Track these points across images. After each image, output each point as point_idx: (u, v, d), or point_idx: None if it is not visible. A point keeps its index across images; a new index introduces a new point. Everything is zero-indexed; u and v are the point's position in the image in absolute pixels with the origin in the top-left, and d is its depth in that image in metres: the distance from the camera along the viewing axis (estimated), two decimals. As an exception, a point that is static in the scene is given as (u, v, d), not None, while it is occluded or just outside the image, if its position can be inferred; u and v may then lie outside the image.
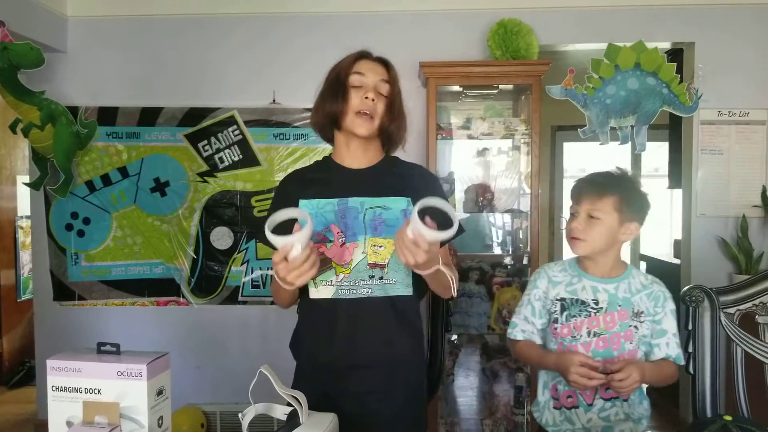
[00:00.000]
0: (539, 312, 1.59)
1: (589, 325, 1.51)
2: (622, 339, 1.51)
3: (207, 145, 3.28)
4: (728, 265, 3.15)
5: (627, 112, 2.87)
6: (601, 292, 1.53)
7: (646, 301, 1.54)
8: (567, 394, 1.56)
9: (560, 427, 1.57)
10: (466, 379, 3.17)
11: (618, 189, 1.51)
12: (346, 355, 1.45)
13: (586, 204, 1.51)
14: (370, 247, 1.43)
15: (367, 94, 1.44)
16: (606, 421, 1.53)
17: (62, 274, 3.32)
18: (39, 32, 3.02)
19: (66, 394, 1.09)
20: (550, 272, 1.61)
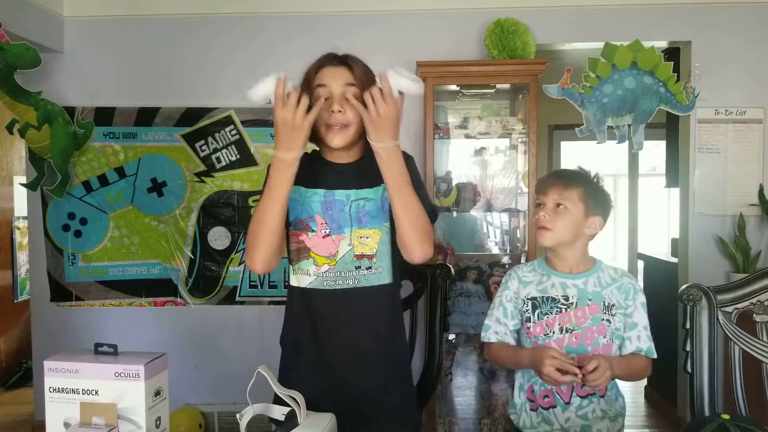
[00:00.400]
0: (511, 313, 1.61)
1: (560, 321, 1.53)
2: (595, 334, 1.52)
3: (204, 145, 3.27)
4: (726, 263, 3.16)
5: (624, 111, 2.87)
6: (570, 288, 1.55)
7: (616, 294, 1.55)
8: (543, 394, 1.56)
9: (538, 428, 1.57)
10: (464, 379, 3.17)
11: (583, 182, 1.56)
12: (334, 345, 1.46)
13: (553, 194, 1.54)
14: (356, 239, 1.45)
15: (333, 107, 1.41)
16: (584, 419, 1.54)
17: (59, 275, 3.31)
18: (35, 32, 3.01)
19: (63, 395, 1.09)
20: (520, 273, 1.63)
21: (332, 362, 1.46)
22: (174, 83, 3.27)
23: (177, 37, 3.28)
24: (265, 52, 3.25)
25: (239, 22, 3.26)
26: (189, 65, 3.27)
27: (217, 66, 3.27)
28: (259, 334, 3.29)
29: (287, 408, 1.17)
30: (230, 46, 3.26)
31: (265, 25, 3.25)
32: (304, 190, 1.46)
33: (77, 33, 3.28)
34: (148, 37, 3.29)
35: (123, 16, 3.28)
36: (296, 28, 3.24)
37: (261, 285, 3.31)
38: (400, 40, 3.15)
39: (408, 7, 3.21)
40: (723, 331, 1.67)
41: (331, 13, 3.23)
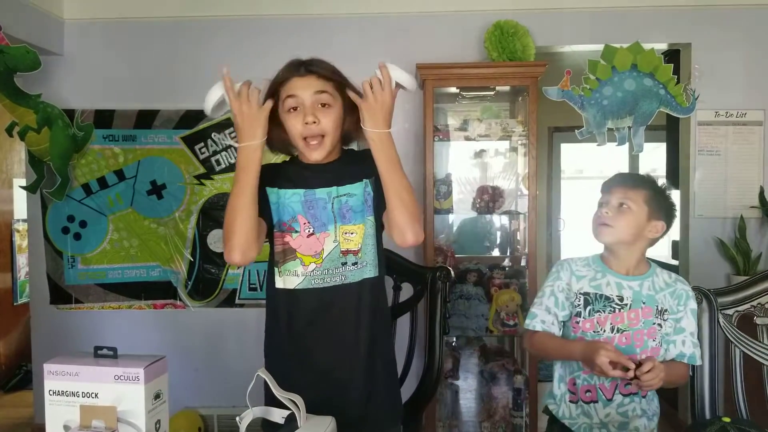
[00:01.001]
0: (562, 303, 1.58)
1: (612, 320, 1.52)
2: (645, 336, 1.51)
3: (203, 148, 3.27)
4: (726, 266, 3.16)
5: (624, 113, 2.87)
6: (626, 289, 1.54)
7: (669, 300, 1.55)
8: (585, 389, 1.56)
9: (576, 420, 1.57)
10: (465, 382, 3.17)
11: (650, 186, 1.57)
12: (325, 342, 1.46)
13: (618, 193, 1.54)
14: (341, 235, 1.45)
15: (307, 119, 1.40)
16: (624, 417, 1.54)
17: (59, 278, 3.31)
18: (35, 35, 3.01)
19: (63, 398, 1.09)
20: (573, 266, 1.61)
21: (320, 359, 1.47)
22: (173, 86, 3.27)
23: (176, 39, 3.28)
24: (263, 55, 3.25)
25: (238, 25, 3.26)
26: (188, 68, 3.27)
27: (216, 68, 3.24)
28: (259, 337, 3.25)
29: (287, 411, 1.16)
30: (229, 48, 3.26)
31: (263, 28, 3.25)
32: (283, 192, 1.47)
33: (77, 36, 3.28)
34: (148, 40, 3.29)
35: (122, 19, 3.28)
36: (295, 30, 3.24)
37: (260, 287, 3.30)
38: (399, 43, 3.16)
39: (407, 9, 3.22)
40: (724, 333, 1.67)
41: (330, 16, 3.23)
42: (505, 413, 3.00)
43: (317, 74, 1.44)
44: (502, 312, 2.94)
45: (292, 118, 1.42)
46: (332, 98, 1.43)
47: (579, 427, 1.57)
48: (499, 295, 2.97)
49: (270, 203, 1.46)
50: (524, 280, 3.00)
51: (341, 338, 1.47)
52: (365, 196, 1.47)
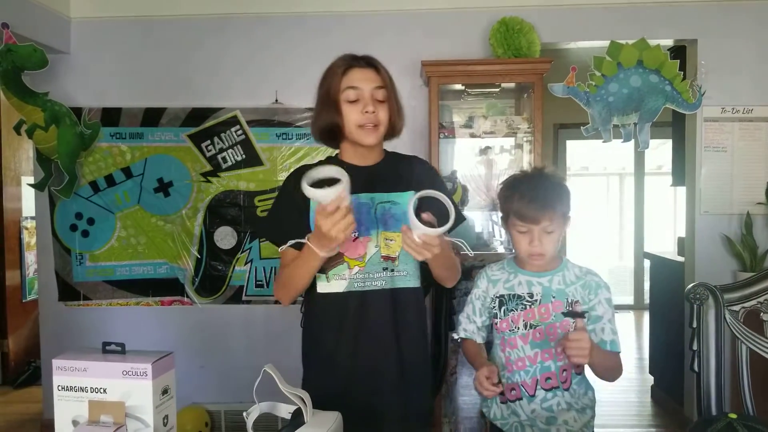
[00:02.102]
0: (479, 310, 1.65)
1: (525, 317, 1.56)
2: (558, 330, 1.54)
3: (210, 146, 3.29)
4: (732, 262, 3.15)
5: (630, 110, 2.86)
6: (536, 285, 1.58)
7: (580, 291, 1.57)
8: (510, 387, 1.59)
9: (507, 420, 1.61)
10: (470, 378, 3.17)
11: (563, 197, 1.56)
12: (362, 346, 1.49)
13: (544, 222, 1.52)
14: (382, 241, 1.48)
15: (367, 108, 1.45)
16: (549, 411, 1.56)
17: (67, 275, 3.33)
18: (42, 34, 3.03)
19: (72, 393, 1.10)
20: (489, 272, 1.67)
21: (359, 362, 1.49)
22: (180, 84, 3.28)
23: (182, 37, 3.29)
24: (270, 53, 3.26)
25: (244, 24, 3.26)
26: (195, 66, 3.28)
27: (222, 66, 3.28)
28: (265, 333, 3.30)
29: (294, 406, 1.17)
30: (236, 47, 3.27)
31: (270, 26, 3.26)
32: None
33: (84, 34, 3.30)
34: (154, 38, 3.30)
35: (129, 17, 3.29)
36: (301, 28, 3.24)
37: (267, 284, 3.32)
38: (405, 40, 3.16)
39: (413, 6, 3.21)
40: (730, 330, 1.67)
41: (336, 14, 3.23)
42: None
43: (376, 69, 1.49)
44: (507, 309, 2.93)
45: (350, 107, 1.46)
46: (387, 94, 1.49)
47: (510, 427, 1.60)
48: (505, 292, 2.96)
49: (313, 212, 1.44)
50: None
51: (378, 343, 1.50)
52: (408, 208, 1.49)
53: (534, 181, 1.56)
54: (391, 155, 1.61)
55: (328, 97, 1.48)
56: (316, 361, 1.56)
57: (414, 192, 1.46)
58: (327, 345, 1.52)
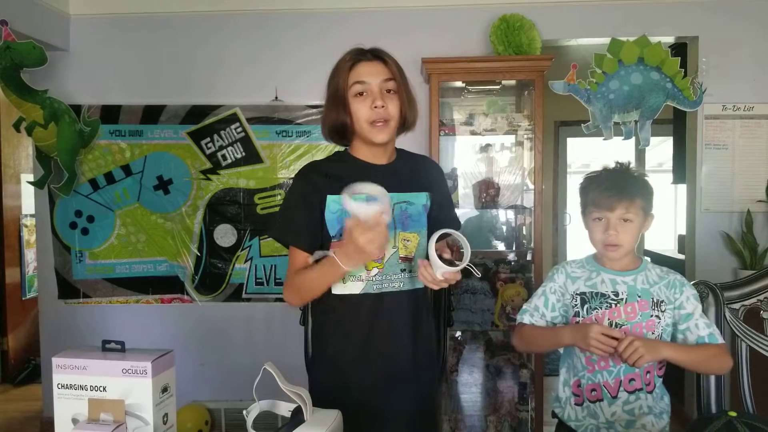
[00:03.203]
0: (552, 305, 1.60)
1: (610, 316, 1.52)
2: (644, 329, 1.51)
3: (210, 143, 3.28)
4: (733, 260, 3.14)
5: (630, 107, 2.86)
6: (620, 284, 1.54)
7: (665, 291, 1.55)
8: (591, 388, 1.56)
9: (583, 422, 1.57)
10: (470, 376, 3.17)
11: (643, 190, 1.54)
12: (376, 347, 1.48)
13: (620, 210, 1.51)
14: (400, 241, 1.47)
15: (376, 103, 1.42)
16: (630, 415, 1.53)
17: (67, 272, 3.33)
18: (41, 31, 3.02)
19: (71, 391, 1.10)
20: (568, 268, 1.62)
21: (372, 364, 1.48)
22: (179, 81, 3.28)
23: (182, 35, 3.28)
24: (270, 50, 3.26)
25: (244, 20, 3.26)
26: (194, 63, 3.28)
27: (222, 64, 3.27)
28: (266, 331, 3.30)
29: (294, 404, 1.17)
30: (235, 43, 3.27)
31: (270, 23, 3.25)
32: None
33: (83, 31, 3.29)
34: (154, 35, 3.29)
35: (128, 14, 3.28)
36: (301, 25, 3.23)
37: (267, 282, 3.32)
38: (405, 37, 3.14)
39: (413, 3, 3.21)
40: (730, 327, 1.67)
41: (336, 10, 3.22)
42: (510, 407, 3.01)
43: (384, 62, 1.46)
44: (507, 306, 2.94)
45: (359, 103, 1.43)
46: (397, 86, 1.45)
47: (586, 429, 1.56)
48: (505, 290, 2.97)
49: (331, 212, 1.45)
50: (530, 274, 3.00)
51: (393, 344, 1.49)
52: (423, 208, 1.50)
53: (614, 173, 1.56)
54: (403, 153, 1.58)
55: (336, 95, 1.45)
56: (326, 363, 1.53)
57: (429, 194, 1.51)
58: (340, 346, 1.50)
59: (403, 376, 1.50)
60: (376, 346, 1.48)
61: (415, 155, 1.62)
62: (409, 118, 1.50)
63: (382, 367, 1.48)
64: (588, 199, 1.55)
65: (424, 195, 1.51)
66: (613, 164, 1.60)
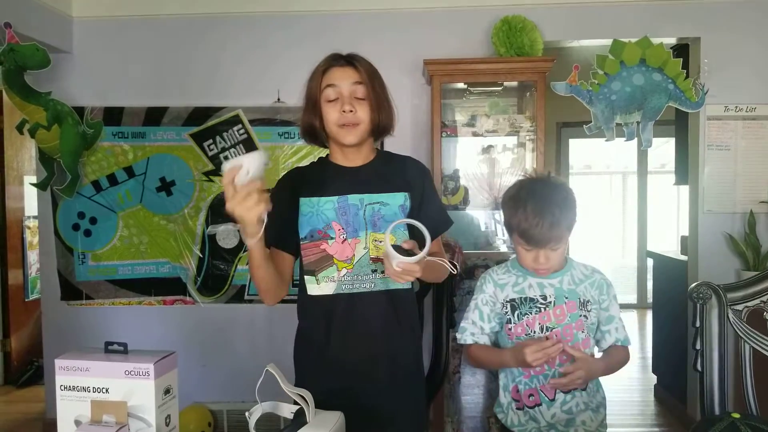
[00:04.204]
0: (487, 316, 1.60)
1: (540, 320, 1.54)
2: (574, 330, 1.53)
3: (212, 145, 3.29)
4: (735, 261, 3.14)
5: (632, 108, 2.86)
6: (547, 287, 1.55)
7: (590, 290, 1.57)
8: (528, 393, 1.57)
9: (525, 426, 1.58)
10: (473, 377, 3.16)
11: (567, 213, 1.49)
12: (351, 348, 1.48)
13: (549, 246, 1.49)
14: (371, 242, 1.47)
15: (344, 107, 1.44)
16: (569, 414, 1.55)
17: (69, 274, 3.33)
18: (45, 33, 3.03)
19: (74, 393, 1.10)
20: (495, 276, 1.63)
21: (348, 365, 1.49)
22: (182, 83, 3.28)
23: (185, 37, 3.29)
24: (273, 52, 3.26)
25: (246, 22, 3.26)
26: (197, 65, 3.28)
27: (224, 66, 3.28)
28: (268, 333, 3.30)
29: (296, 406, 1.17)
30: (237, 45, 3.27)
31: (272, 25, 3.25)
32: (316, 200, 1.48)
33: (86, 33, 3.30)
34: (156, 37, 3.30)
35: (131, 17, 3.29)
36: (304, 27, 3.24)
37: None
38: (407, 39, 3.15)
39: (415, 5, 3.21)
40: (733, 329, 1.66)
41: (338, 12, 3.22)
42: (513, 409, 3.00)
43: (355, 66, 1.48)
44: (510, 308, 2.93)
45: (329, 107, 1.46)
46: (367, 91, 1.47)
47: None
48: (507, 291, 2.96)
49: (302, 214, 1.48)
50: (532, 275, 2.99)
51: (367, 346, 1.49)
52: (400, 209, 1.50)
53: (540, 199, 1.47)
54: (383, 155, 1.60)
55: (310, 98, 1.49)
56: (306, 363, 1.56)
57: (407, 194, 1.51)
58: (316, 347, 1.51)
59: (379, 376, 1.50)
60: (353, 346, 1.48)
61: (397, 156, 1.62)
62: (381, 123, 1.49)
63: (358, 367, 1.49)
64: (515, 226, 1.50)
65: (402, 195, 1.51)
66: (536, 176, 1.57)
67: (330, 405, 1.21)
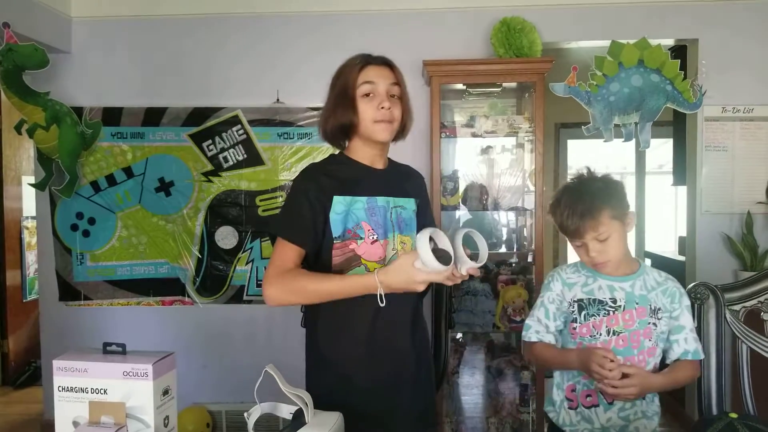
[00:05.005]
0: (553, 314, 1.58)
1: (608, 323, 1.52)
2: (641, 337, 1.51)
3: (211, 145, 3.28)
4: (733, 262, 3.14)
5: (631, 109, 2.86)
6: (618, 291, 1.53)
7: (662, 298, 1.54)
8: (586, 394, 1.55)
9: (577, 427, 1.57)
10: (472, 378, 3.17)
11: (606, 198, 1.50)
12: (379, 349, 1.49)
13: (590, 234, 1.48)
14: (399, 244, 1.49)
15: (383, 104, 1.46)
16: (625, 420, 1.54)
17: (68, 274, 3.33)
18: (43, 33, 3.03)
19: (72, 394, 1.10)
20: (563, 275, 1.61)
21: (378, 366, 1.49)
22: (181, 83, 3.28)
23: (184, 37, 3.29)
24: (272, 52, 3.26)
25: (246, 22, 3.26)
26: (196, 65, 3.28)
27: (223, 66, 3.28)
28: (267, 333, 3.30)
29: (295, 407, 1.17)
30: (237, 46, 3.27)
31: (272, 25, 3.25)
32: (350, 199, 1.47)
33: (85, 33, 3.30)
34: (155, 38, 3.30)
35: (130, 17, 3.29)
36: (303, 28, 3.24)
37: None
38: (406, 39, 3.15)
39: (414, 6, 3.21)
40: (731, 329, 1.67)
41: (337, 13, 3.23)
42: (511, 409, 3.01)
43: (392, 68, 1.51)
44: (508, 308, 2.94)
45: (366, 103, 1.47)
46: (401, 92, 1.51)
47: None
48: (506, 292, 2.97)
49: (336, 213, 1.46)
50: (531, 276, 3.00)
51: (396, 346, 1.51)
52: (413, 213, 1.56)
53: (573, 192, 1.51)
54: (392, 162, 1.63)
55: (344, 94, 1.47)
56: (328, 365, 1.52)
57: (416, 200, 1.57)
58: (342, 348, 1.50)
59: (405, 377, 1.52)
60: (379, 347, 1.48)
61: (401, 164, 1.67)
62: (408, 126, 1.55)
63: (385, 368, 1.49)
64: (558, 227, 1.54)
65: (413, 201, 1.57)
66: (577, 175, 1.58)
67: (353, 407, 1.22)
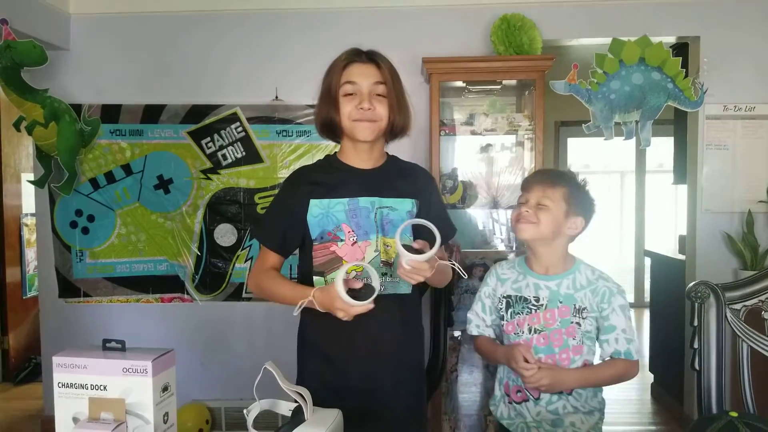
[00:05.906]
0: (489, 309, 1.64)
1: (529, 322, 1.55)
2: (564, 335, 1.53)
3: (210, 142, 3.28)
4: (734, 260, 3.14)
5: (631, 107, 2.86)
6: (543, 289, 1.56)
7: (590, 297, 1.55)
8: (516, 389, 1.59)
9: (514, 420, 1.61)
10: (470, 375, 3.17)
11: (568, 183, 1.57)
12: (357, 349, 1.48)
13: (537, 192, 1.54)
14: (382, 246, 1.47)
15: (362, 105, 1.43)
16: (554, 414, 1.56)
17: (67, 272, 3.33)
18: (42, 30, 3.02)
19: (72, 390, 1.09)
20: (499, 270, 1.65)
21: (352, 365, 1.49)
22: (180, 80, 3.28)
23: (183, 34, 3.28)
24: (270, 49, 3.26)
25: (244, 20, 3.26)
26: (195, 62, 3.28)
27: (222, 63, 3.27)
28: (266, 331, 3.30)
29: (294, 404, 1.17)
30: (236, 43, 3.26)
31: (270, 22, 3.25)
32: (327, 202, 1.47)
33: (83, 30, 3.29)
34: (154, 34, 3.29)
35: (129, 13, 3.28)
36: (302, 25, 3.24)
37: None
38: (406, 37, 3.15)
39: (414, 3, 3.21)
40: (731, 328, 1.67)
41: (337, 10, 3.22)
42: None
43: (378, 65, 1.47)
44: (508, 306, 2.93)
45: (346, 102, 1.45)
46: (388, 90, 1.47)
47: (516, 427, 1.60)
48: (505, 290, 2.96)
49: (313, 216, 1.47)
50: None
51: (373, 348, 1.49)
52: (408, 215, 1.50)
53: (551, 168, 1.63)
54: (393, 159, 1.60)
55: (328, 92, 1.48)
56: (310, 363, 1.55)
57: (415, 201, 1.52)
58: (323, 347, 1.51)
59: (386, 377, 1.50)
60: (361, 348, 1.48)
61: (406, 163, 1.63)
62: (399, 124, 1.50)
63: (365, 368, 1.49)
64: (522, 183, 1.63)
65: (410, 201, 1.52)
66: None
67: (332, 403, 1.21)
